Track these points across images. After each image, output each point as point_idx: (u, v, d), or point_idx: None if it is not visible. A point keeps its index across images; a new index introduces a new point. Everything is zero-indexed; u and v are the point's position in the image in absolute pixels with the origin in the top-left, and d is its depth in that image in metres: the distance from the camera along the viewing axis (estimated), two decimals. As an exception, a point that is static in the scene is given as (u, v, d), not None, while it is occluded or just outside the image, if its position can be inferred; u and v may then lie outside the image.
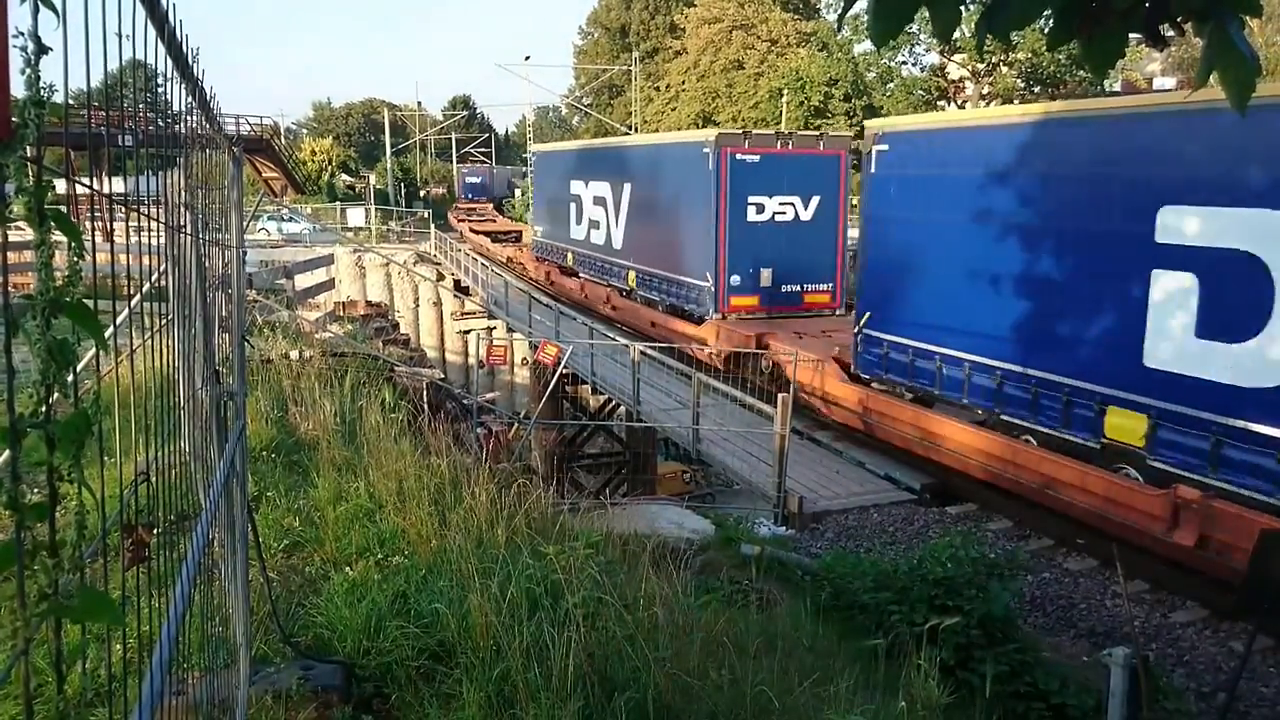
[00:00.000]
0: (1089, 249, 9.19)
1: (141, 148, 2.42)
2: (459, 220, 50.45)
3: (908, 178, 11.76)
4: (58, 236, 1.11)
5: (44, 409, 1.05)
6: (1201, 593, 8.07)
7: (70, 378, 1.10)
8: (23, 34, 1.00)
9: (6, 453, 1.02)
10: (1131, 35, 1.61)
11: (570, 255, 24.54)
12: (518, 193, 65.91)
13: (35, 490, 1.08)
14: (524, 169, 73.82)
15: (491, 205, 61.66)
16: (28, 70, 1.01)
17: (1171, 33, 1.56)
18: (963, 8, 1.61)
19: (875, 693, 5.05)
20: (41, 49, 1.02)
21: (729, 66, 54.31)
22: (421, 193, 66.46)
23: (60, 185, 1.41)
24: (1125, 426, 8.83)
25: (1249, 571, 7.41)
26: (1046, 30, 1.72)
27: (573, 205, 23.79)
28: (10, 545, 1.02)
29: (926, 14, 1.65)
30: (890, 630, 6.05)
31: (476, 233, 43.11)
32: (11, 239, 1.09)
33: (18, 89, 1.02)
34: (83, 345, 1.20)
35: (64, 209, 1.11)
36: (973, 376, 10.62)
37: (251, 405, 7.61)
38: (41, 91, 1.04)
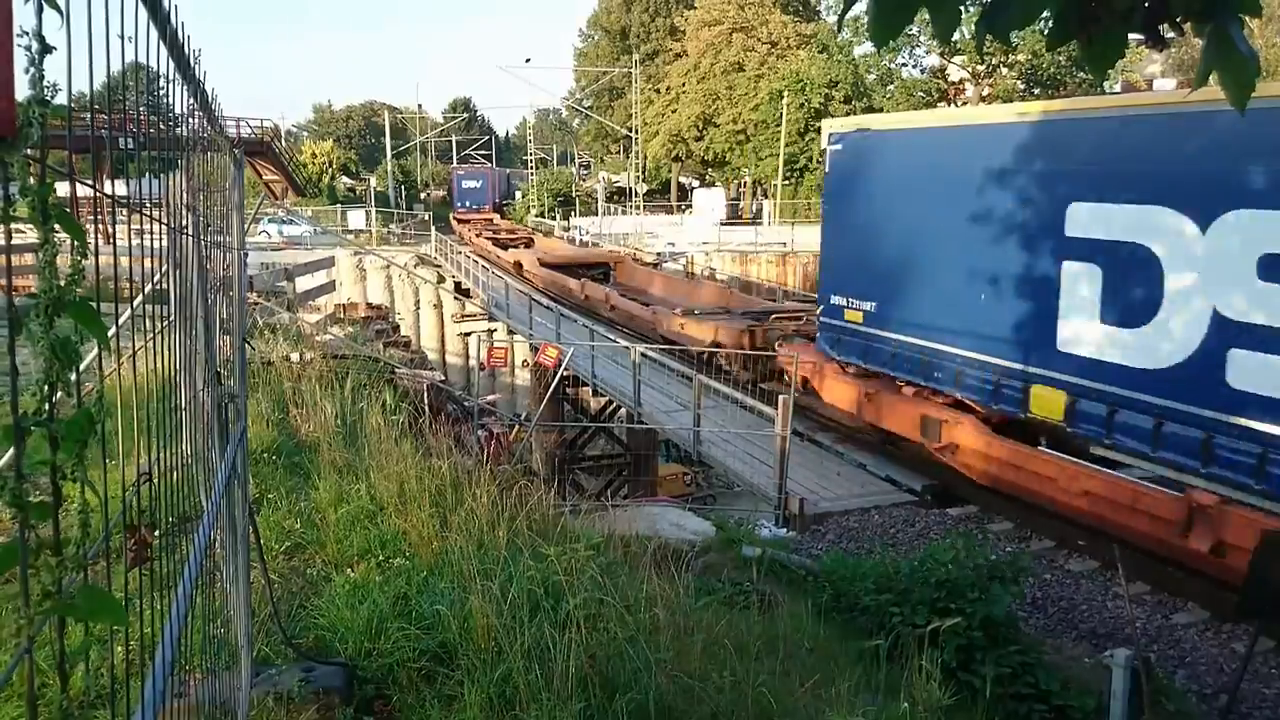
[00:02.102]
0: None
1: (143, 150, 2.43)
2: (485, 239, 37.28)
3: None
4: (60, 236, 1.11)
5: (47, 408, 1.05)
6: (1203, 594, 8.07)
7: (73, 377, 1.10)
8: (27, 33, 1.01)
9: (10, 451, 1.02)
10: (1132, 36, 1.62)
11: (1063, 401, 9.07)
12: (518, 195, 65.77)
13: (38, 492, 1.08)
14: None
15: (497, 214, 55.09)
16: (31, 70, 1.02)
17: (1171, 34, 1.57)
18: (962, 9, 1.62)
19: (877, 694, 5.04)
20: (45, 48, 1.02)
21: (729, 69, 54.36)
22: (422, 195, 66.19)
23: (63, 187, 1.41)
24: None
25: (1250, 573, 7.40)
26: (1046, 31, 1.73)
27: (1089, 270, 8.88)
28: (14, 545, 1.03)
29: (926, 15, 1.66)
30: (891, 632, 6.05)
31: (554, 268, 28.32)
32: (12, 242, 1.10)
33: (21, 89, 1.02)
34: (85, 346, 1.20)
35: (67, 209, 1.11)
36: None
37: (253, 407, 7.61)
38: (45, 91, 1.05)
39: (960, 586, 6.27)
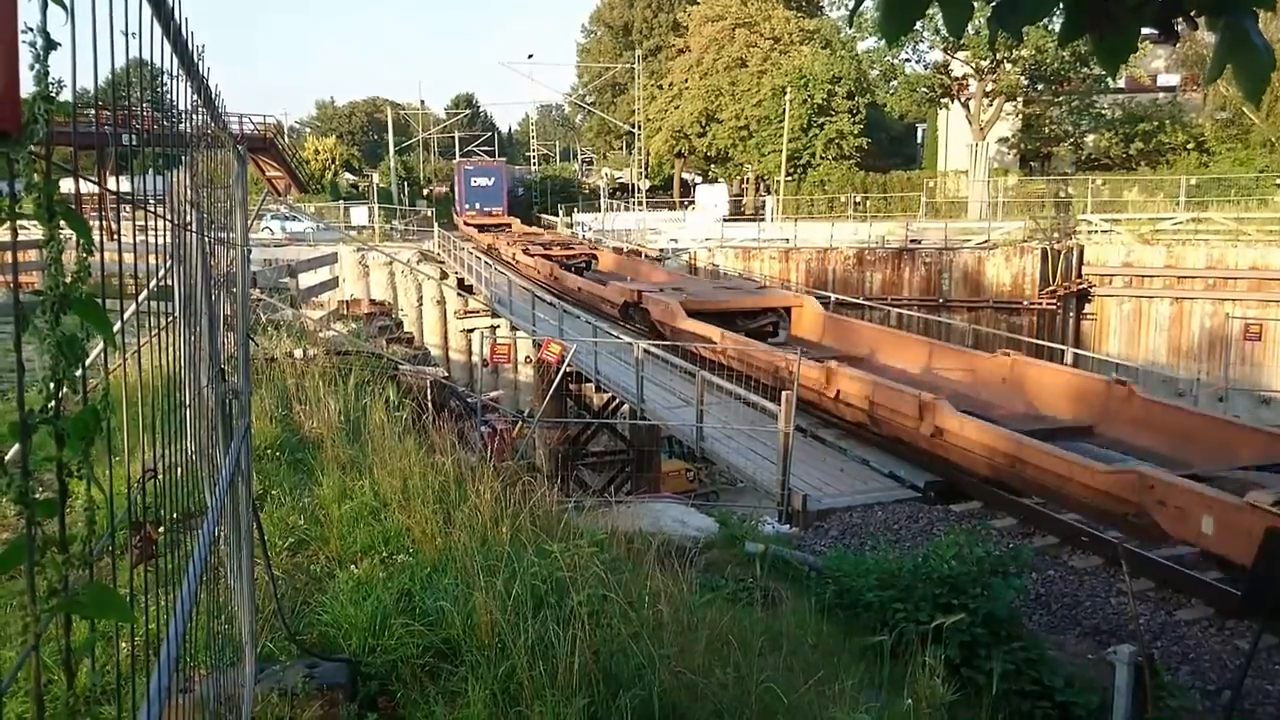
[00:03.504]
0: None
1: (147, 146, 2.42)
2: (539, 258, 27.10)
3: None
4: (65, 233, 1.10)
5: (53, 405, 1.05)
6: (1207, 591, 8.06)
7: (79, 374, 1.10)
8: (31, 29, 1.00)
9: (16, 448, 1.01)
10: (1143, 31, 1.60)
11: None
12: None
13: (43, 489, 1.08)
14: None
15: (516, 218, 46.24)
16: (36, 66, 1.01)
17: (1184, 27, 1.55)
18: (973, 3, 1.61)
19: (880, 691, 5.05)
20: (50, 45, 1.02)
21: (732, 64, 54.25)
22: (425, 191, 65.86)
23: (66, 183, 1.41)
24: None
25: (1253, 569, 7.39)
26: (1058, 26, 1.71)
27: None
28: (20, 541, 1.02)
29: (932, 11, 1.65)
30: (895, 628, 6.05)
31: (705, 318, 16.57)
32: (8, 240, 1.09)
33: (26, 85, 1.01)
34: (90, 343, 1.20)
35: (71, 206, 1.11)
36: None
37: (256, 404, 7.62)
38: (50, 87, 1.04)
39: (963, 583, 6.27)
